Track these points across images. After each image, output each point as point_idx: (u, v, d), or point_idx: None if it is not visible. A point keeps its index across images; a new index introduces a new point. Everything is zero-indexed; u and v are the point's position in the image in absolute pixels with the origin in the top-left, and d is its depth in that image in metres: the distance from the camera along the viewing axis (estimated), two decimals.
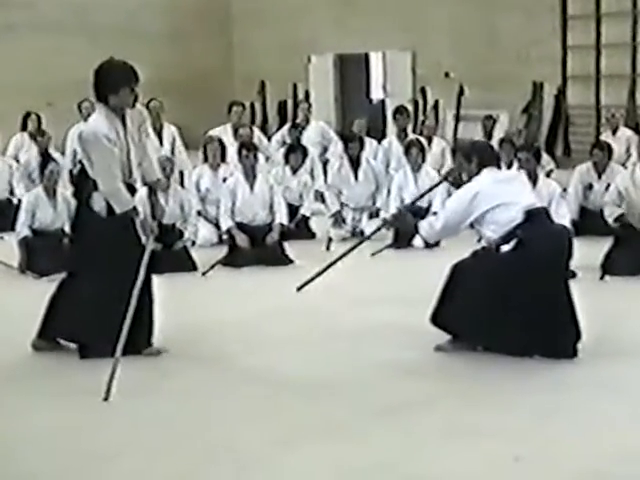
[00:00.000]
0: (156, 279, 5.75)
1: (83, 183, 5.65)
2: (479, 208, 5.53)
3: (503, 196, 5.54)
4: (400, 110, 11.71)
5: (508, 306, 5.41)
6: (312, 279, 5.97)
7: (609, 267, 7.59)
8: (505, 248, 5.48)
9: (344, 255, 5.92)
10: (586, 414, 4.64)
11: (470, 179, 5.68)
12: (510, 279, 5.42)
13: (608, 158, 9.50)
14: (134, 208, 5.53)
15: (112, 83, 5.47)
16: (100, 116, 5.51)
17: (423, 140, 10.94)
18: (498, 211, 5.50)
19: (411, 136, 11.15)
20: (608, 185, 8.79)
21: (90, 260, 5.61)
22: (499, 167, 5.86)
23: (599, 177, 9.48)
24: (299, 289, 6.07)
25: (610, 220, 7.98)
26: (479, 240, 5.84)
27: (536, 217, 5.54)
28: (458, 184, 5.92)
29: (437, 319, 5.67)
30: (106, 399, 4.89)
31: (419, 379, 5.20)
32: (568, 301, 5.52)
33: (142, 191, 6.09)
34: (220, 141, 10.02)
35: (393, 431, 4.46)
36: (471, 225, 5.69)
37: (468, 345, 5.60)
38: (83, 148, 5.52)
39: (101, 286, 5.55)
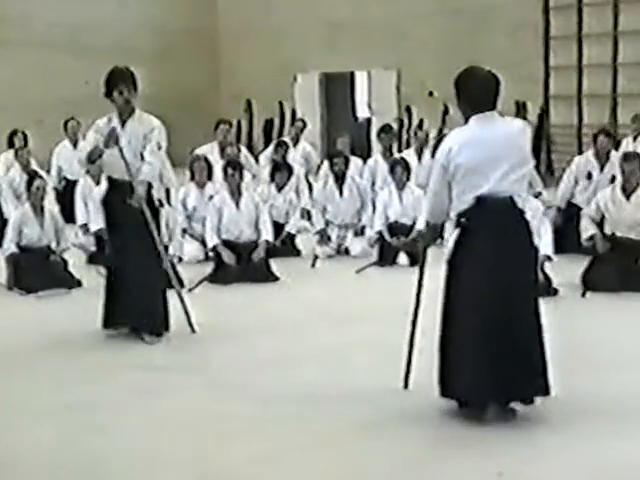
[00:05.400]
0: None
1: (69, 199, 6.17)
2: (454, 161, 4.65)
3: (478, 161, 4.63)
4: (385, 129, 11.78)
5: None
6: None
7: (590, 283, 7.54)
8: (451, 237, 4.76)
9: None
10: (568, 430, 4.67)
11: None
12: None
13: (613, 146, 9.04)
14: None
15: (109, 84, 6.25)
16: (107, 114, 6.32)
17: (412, 155, 10.98)
18: (468, 177, 4.64)
19: (396, 155, 11.24)
20: (613, 178, 8.24)
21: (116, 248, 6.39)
22: (493, 107, 4.77)
23: (601, 168, 8.95)
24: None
25: (583, 238, 7.79)
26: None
27: (492, 208, 4.61)
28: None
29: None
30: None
31: (403, 394, 5.23)
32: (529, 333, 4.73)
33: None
34: (206, 159, 10.08)
35: (378, 446, 4.51)
36: None
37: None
38: None
39: (129, 267, 6.24)
